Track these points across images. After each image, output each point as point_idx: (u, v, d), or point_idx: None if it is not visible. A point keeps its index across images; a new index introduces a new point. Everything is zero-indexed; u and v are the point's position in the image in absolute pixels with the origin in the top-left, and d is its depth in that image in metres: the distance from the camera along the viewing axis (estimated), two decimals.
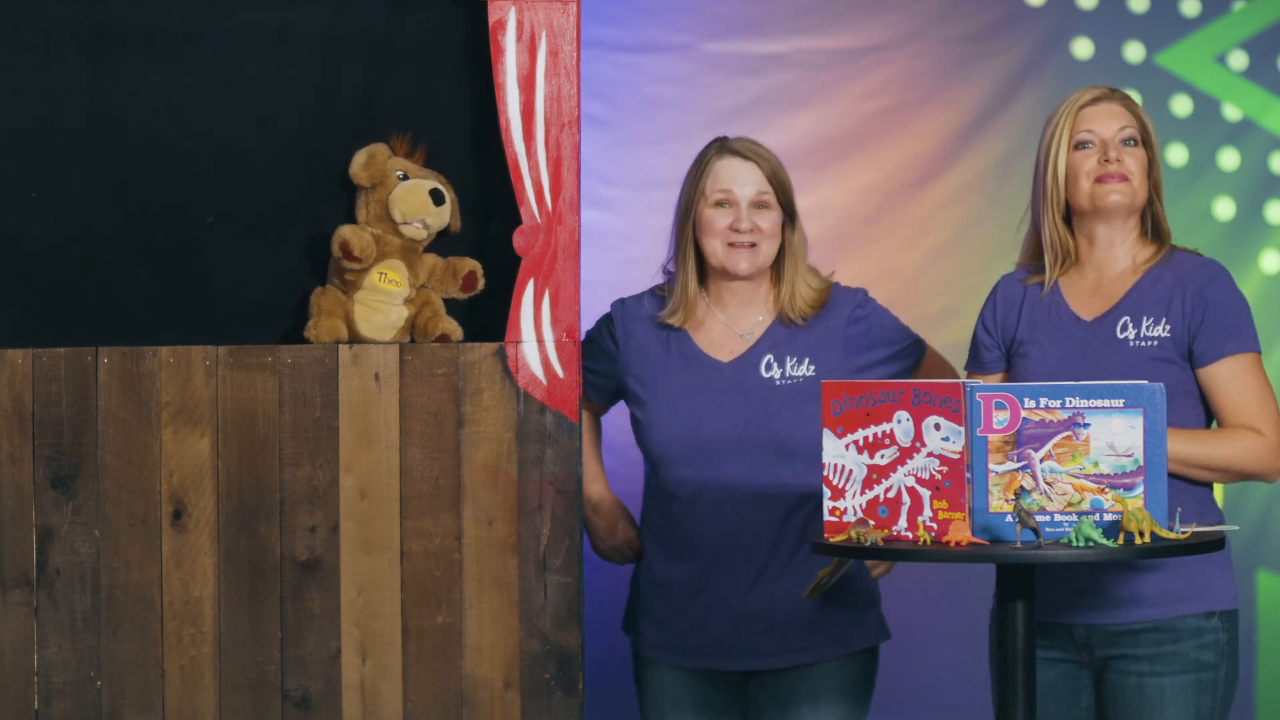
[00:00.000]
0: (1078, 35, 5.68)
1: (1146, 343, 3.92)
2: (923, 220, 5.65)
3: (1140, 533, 3.43)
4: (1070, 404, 3.48)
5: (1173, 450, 3.82)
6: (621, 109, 5.56)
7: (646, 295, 4.29)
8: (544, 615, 3.89)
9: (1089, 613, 3.91)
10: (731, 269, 4.17)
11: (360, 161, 3.91)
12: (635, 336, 4.25)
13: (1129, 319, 3.95)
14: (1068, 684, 3.97)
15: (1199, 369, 3.91)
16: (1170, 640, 3.87)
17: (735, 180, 4.18)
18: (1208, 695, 3.88)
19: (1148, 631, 3.88)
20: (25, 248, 3.88)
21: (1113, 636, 3.90)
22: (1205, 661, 3.87)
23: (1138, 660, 3.88)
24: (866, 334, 4.18)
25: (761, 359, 4.17)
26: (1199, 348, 3.90)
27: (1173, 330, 3.91)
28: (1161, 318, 3.92)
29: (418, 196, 3.89)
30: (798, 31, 5.62)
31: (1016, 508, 3.41)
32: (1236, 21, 5.70)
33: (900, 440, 3.52)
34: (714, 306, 4.22)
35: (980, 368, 4.12)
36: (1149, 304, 3.94)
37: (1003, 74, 5.66)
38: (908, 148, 5.64)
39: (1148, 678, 3.88)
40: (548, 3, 3.92)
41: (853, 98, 5.63)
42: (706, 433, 4.14)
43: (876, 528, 3.52)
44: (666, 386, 4.19)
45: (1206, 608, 3.89)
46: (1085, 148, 3.98)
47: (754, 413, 4.13)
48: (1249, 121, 5.69)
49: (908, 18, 5.64)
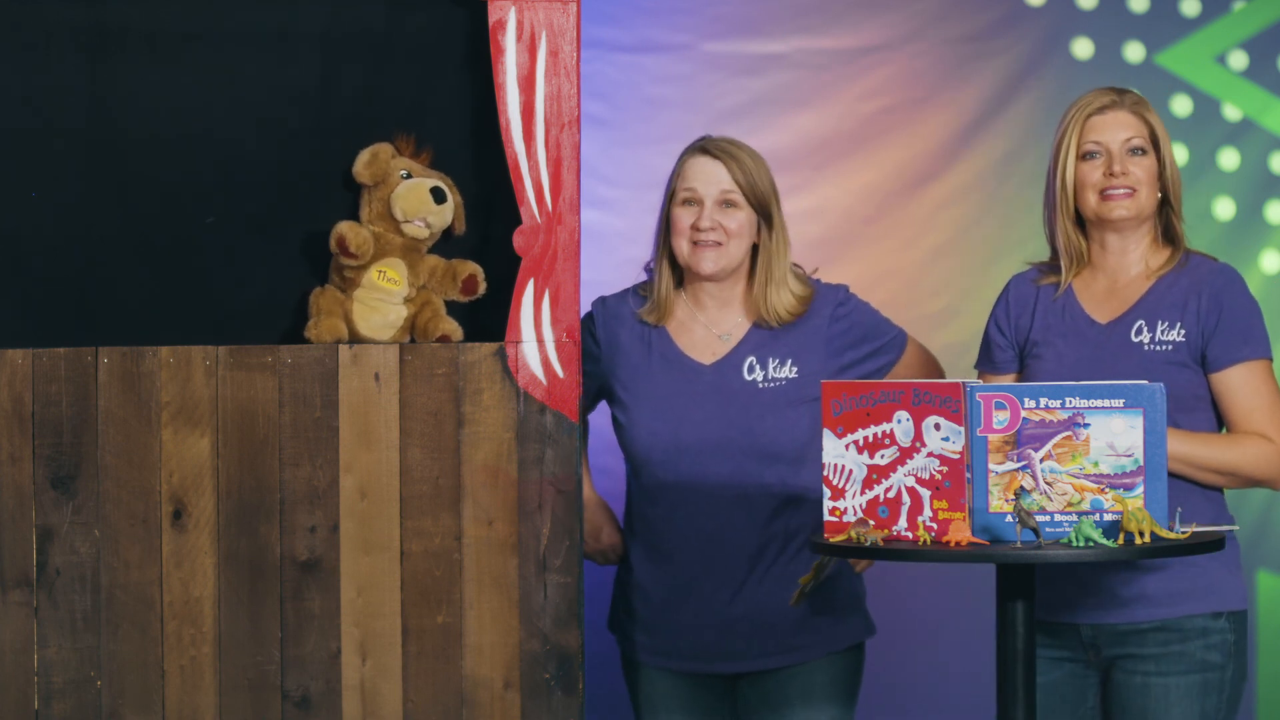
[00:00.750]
0: (1078, 35, 5.68)
1: (1161, 347, 3.92)
2: (923, 220, 5.65)
3: (1140, 533, 3.43)
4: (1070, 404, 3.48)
5: (1182, 452, 3.83)
6: (621, 109, 5.56)
7: (630, 294, 4.28)
8: (544, 615, 3.89)
9: (1096, 612, 3.91)
10: (695, 268, 4.15)
11: (364, 160, 3.91)
12: (617, 337, 4.24)
13: (1144, 323, 3.95)
14: (1073, 683, 3.97)
15: (1211, 374, 3.91)
16: (1177, 640, 3.87)
17: (700, 178, 4.16)
18: (1214, 696, 3.88)
19: (1154, 631, 3.88)
20: (25, 248, 3.88)
21: (1119, 636, 3.90)
22: (1212, 662, 3.87)
23: (1144, 660, 3.88)
24: (848, 332, 4.16)
25: (744, 361, 4.15)
26: (1212, 353, 3.90)
27: (1187, 335, 3.91)
28: (1176, 322, 3.92)
29: (418, 194, 3.89)
30: (798, 31, 5.62)
31: (1016, 508, 3.41)
32: (1236, 21, 5.70)
33: (900, 440, 3.52)
34: (694, 308, 4.20)
35: (993, 367, 4.11)
36: (1164, 308, 3.94)
37: (1003, 74, 5.66)
38: (908, 148, 5.64)
39: (1153, 677, 3.88)
40: (548, 3, 3.92)
41: (853, 98, 5.63)
42: (688, 436, 4.12)
43: (876, 528, 3.52)
44: (648, 389, 4.17)
45: (1214, 608, 3.89)
46: (1092, 158, 3.98)
47: (736, 416, 4.12)
48: (1249, 121, 5.69)
49: (908, 18, 5.63)
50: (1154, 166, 3.98)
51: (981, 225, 5.65)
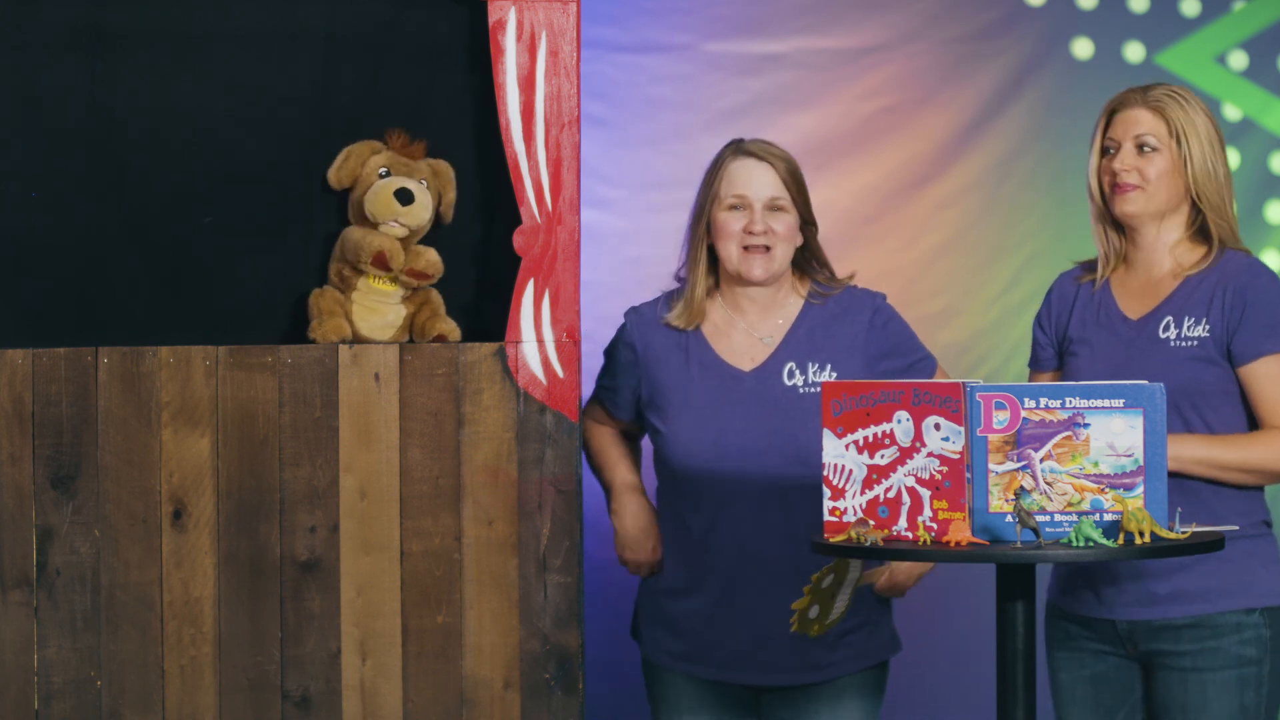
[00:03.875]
0: (1078, 35, 5.69)
1: (1186, 342, 3.91)
2: (923, 220, 5.65)
3: (1140, 533, 3.43)
4: (1070, 404, 3.48)
5: (1205, 455, 3.83)
6: (621, 109, 5.56)
7: (660, 302, 4.19)
8: (544, 615, 3.89)
9: (1132, 608, 3.91)
10: (746, 275, 4.07)
11: (334, 165, 3.91)
12: (653, 345, 4.14)
13: (1171, 319, 3.94)
14: (1120, 676, 3.97)
15: (1238, 368, 3.90)
16: (1211, 636, 3.88)
17: (749, 183, 4.08)
18: (1251, 691, 3.88)
19: (1189, 627, 3.88)
20: (25, 248, 3.88)
21: (1155, 632, 3.91)
22: (1248, 657, 3.88)
23: (1180, 655, 3.89)
24: (885, 340, 4.09)
25: (783, 366, 4.08)
26: (1237, 346, 3.89)
27: (1212, 329, 3.90)
28: (1202, 317, 3.92)
29: (383, 198, 3.88)
30: (798, 31, 5.62)
31: (1016, 508, 3.41)
32: (1236, 21, 5.71)
33: (900, 440, 3.52)
34: (732, 313, 4.13)
35: (1038, 365, 4.12)
36: (1192, 304, 3.94)
37: (1003, 74, 5.66)
38: (908, 148, 5.64)
39: (1190, 673, 3.88)
40: (548, 3, 3.92)
41: (853, 98, 5.63)
42: (730, 443, 4.04)
43: (876, 528, 3.52)
44: (687, 397, 4.09)
45: (1248, 604, 3.89)
46: (1108, 154, 3.99)
47: (779, 423, 4.04)
48: (1249, 121, 5.69)
49: (908, 18, 5.64)
50: (1168, 163, 3.96)
51: (981, 225, 5.65)
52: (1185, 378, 3.86)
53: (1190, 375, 3.83)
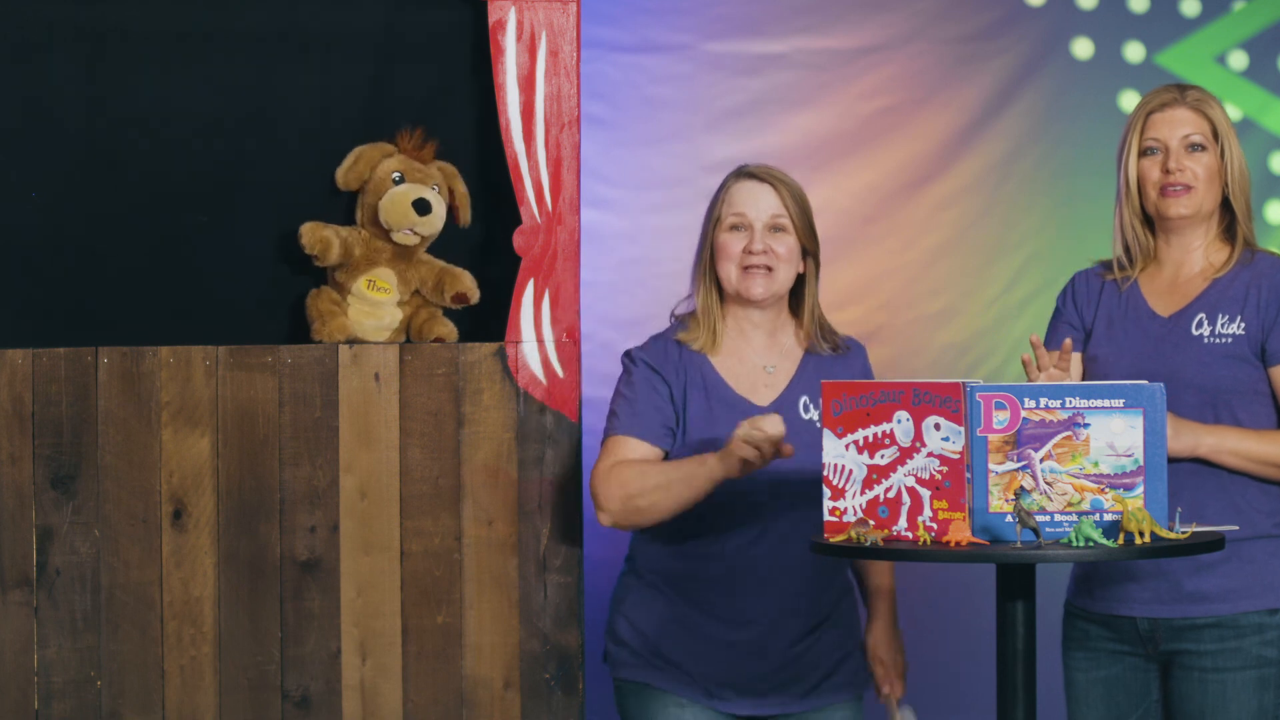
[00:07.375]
0: (1078, 35, 5.69)
1: (1220, 340, 3.92)
2: (923, 220, 5.65)
3: (1140, 533, 3.43)
4: (1070, 404, 3.48)
5: (1241, 447, 3.84)
6: (621, 109, 5.55)
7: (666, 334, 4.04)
8: (544, 615, 3.89)
9: (1153, 605, 3.91)
10: (745, 293, 3.97)
11: (344, 165, 3.91)
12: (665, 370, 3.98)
13: (1204, 316, 3.94)
14: (1136, 677, 3.97)
15: (1271, 367, 3.91)
16: (1232, 636, 3.88)
17: (749, 203, 3.99)
18: (1271, 691, 3.88)
19: (1210, 627, 3.89)
20: (25, 248, 3.88)
21: (1176, 631, 3.91)
22: (1268, 658, 3.88)
23: (1200, 655, 3.89)
24: None
25: (798, 400, 4.04)
26: (1272, 345, 3.90)
27: (1247, 328, 3.91)
28: (1237, 315, 3.92)
29: (400, 207, 3.88)
30: (798, 31, 5.62)
31: (1016, 508, 3.40)
32: (1236, 21, 5.71)
33: (900, 440, 3.52)
34: (738, 339, 4.04)
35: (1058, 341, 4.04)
36: (1225, 301, 3.94)
37: (1003, 74, 5.66)
38: (908, 148, 5.64)
39: (1210, 673, 3.88)
40: (548, 3, 3.92)
41: (852, 98, 5.63)
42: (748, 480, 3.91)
43: (876, 528, 3.52)
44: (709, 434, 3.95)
45: (1270, 604, 3.89)
46: (1151, 154, 3.98)
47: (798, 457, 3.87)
48: (1249, 121, 5.69)
49: (908, 18, 5.64)
50: (1214, 163, 3.96)
51: (981, 225, 5.65)
52: (1219, 375, 3.87)
53: (1224, 372, 3.84)
